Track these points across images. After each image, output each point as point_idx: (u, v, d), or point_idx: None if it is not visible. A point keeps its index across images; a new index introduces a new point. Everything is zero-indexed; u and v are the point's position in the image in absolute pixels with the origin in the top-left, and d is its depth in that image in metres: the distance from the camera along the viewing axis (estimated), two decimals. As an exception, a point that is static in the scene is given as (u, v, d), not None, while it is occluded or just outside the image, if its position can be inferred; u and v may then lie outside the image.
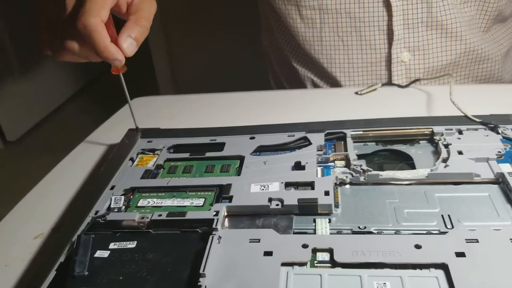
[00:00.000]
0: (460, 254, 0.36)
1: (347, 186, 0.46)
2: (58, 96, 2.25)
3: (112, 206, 0.46)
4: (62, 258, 0.40)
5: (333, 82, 0.78)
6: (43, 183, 0.57)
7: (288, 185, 0.46)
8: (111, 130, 0.67)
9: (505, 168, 0.45)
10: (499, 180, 0.44)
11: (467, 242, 0.37)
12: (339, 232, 0.41)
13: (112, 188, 0.48)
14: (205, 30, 1.56)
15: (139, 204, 0.46)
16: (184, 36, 1.67)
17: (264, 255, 0.38)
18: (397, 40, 0.71)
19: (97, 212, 0.45)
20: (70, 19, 0.49)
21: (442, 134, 0.51)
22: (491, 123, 0.51)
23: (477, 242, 0.37)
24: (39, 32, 0.53)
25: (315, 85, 0.81)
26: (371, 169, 0.46)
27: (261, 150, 0.53)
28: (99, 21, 0.47)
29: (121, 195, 0.47)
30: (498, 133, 0.50)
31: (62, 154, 0.63)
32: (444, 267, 0.35)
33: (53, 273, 0.38)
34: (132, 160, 0.54)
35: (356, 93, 0.67)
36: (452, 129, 0.51)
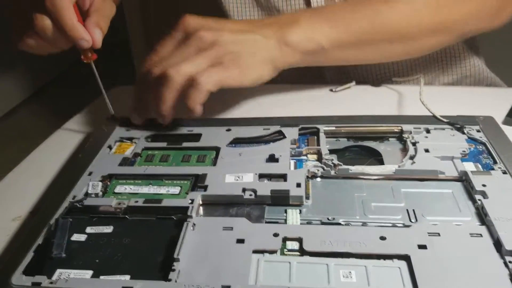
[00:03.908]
0: (422, 247, 0.38)
1: (318, 179, 0.48)
2: (32, 84, 2.21)
3: (89, 191, 0.46)
4: (40, 240, 0.41)
5: None
6: (21, 166, 0.57)
7: (261, 176, 0.47)
8: (89, 118, 0.67)
9: (468, 166, 0.47)
10: (462, 178, 0.46)
11: (429, 235, 0.39)
12: (309, 223, 0.42)
13: (90, 174, 0.49)
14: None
15: (116, 191, 0.47)
16: (164, 26, 1.66)
17: (236, 243, 0.39)
18: None
19: (74, 197, 0.46)
20: (40, 1, 0.50)
21: (411, 132, 0.53)
22: (457, 123, 0.53)
23: (439, 235, 0.39)
24: (14, 29, 0.53)
25: None
26: (341, 164, 0.48)
27: (236, 142, 0.54)
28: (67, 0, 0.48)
29: (99, 181, 0.48)
30: (463, 133, 0.52)
31: (37, 141, 0.64)
32: (406, 258, 0.37)
33: (31, 254, 0.39)
34: (110, 147, 0.54)
35: (331, 90, 0.69)
36: (420, 128, 0.53)
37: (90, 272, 0.38)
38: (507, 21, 0.66)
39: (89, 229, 0.42)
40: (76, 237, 0.41)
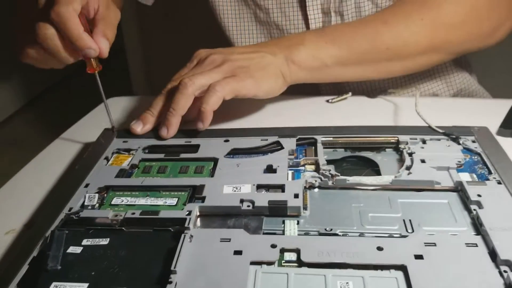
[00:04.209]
0: (419, 257, 0.38)
1: (316, 189, 0.48)
2: (26, 93, 2.21)
3: (86, 203, 0.46)
4: (35, 253, 0.40)
5: None
6: (16, 178, 0.57)
7: (259, 187, 0.47)
8: (86, 129, 0.67)
9: (464, 177, 0.48)
10: (458, 188, 0.46)
11: (425, 245, 0.39)
12: (306, 234, 0.42)
13: (87, 186, 0.49)
14: (181, 31, 1.56)
15: (112, 202, 0.47)
16: (160, 37, 1.66)
17: (234, 254, 0.39)
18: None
19: (71, 209, 0.46)
20: (44, 13, 0.50)
21: (407, 143, 0.53)
22: (453, 134, 0.53)
23: (435, 246, 0.39)
24: (16, 41, 0.54)
25: None
26: (339, 174, 0.48)
27: (234, 152, 0.54)
28: (71, 9, 0.49)
29: (95, 193, 0.48)
30: (459, 143, 0.52)
31: (31, 151, 0.63)
32: (403, 268, 0.37)
33: (25, 267, 0.39)
34: (107, 159, 0.54)
35: (327, 101, 0.69)
36: (416, 139, 0.53)
37: (86, 285, 0.38)
38: (501, 40, 0.68)
39: (85, 241, 0.42)
40: (72, 249, 0.41)
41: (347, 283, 0.36)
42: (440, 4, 0.63)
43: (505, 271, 0.36)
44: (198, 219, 0.45)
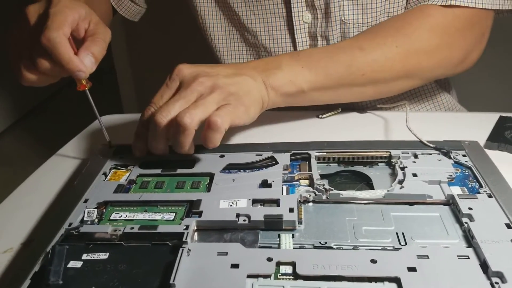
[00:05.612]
0: (412, 269, 0.39)
1: (310, 204, 0.49)
2: (17, 110, 2.20)
3: (85, 218, 0.47)
4: (36, 268, 0.41)
5: None
6: (14, 196, 0.57)
7: (255, 201, 0.48)
8: (82, 145, 0.67)
9: (455, 190, 0.49)
10: (449, 201, 0.47)
11: (418, 258, 0.40)
12: (301, 247, 0.43)
13: (86, 201, 0.50)
14: (170, 49, 1.57)
15: (111, 217, 0.47)
16: (149, 54, 1.67)
17: (231, 267, 0.40)
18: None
19: (70, 224, 0.46)
20: (36, 38, 0.51)
21: (399, 158, 0.54)
22: (444, 148, 0.55)
23: (428, 258, 0.40)
24: (13, 65, 0.55)
25: None
26: (333, 189, 0.49)
27: (230, 168, 0.55)
28: (62, 34, 0.50)
29: (94, 208, 0.48)
30: (450, 158, 0.54)
31: (23, 169, 0.64)
32: (397, 280, 0.38)
33: (28, 282, 0.39)
34: (105, 174, 0.55)
35: (318, 116, 0.71)
36: (408, 153, 0.55)
37: (87, 299, 0.38)
38: (469, 68, 0.71)
39: (85, 256, 0.43)
40: (73, 264, 0.42)
41: (342, 295, 0.37)
42: (414, 31, 0.65)
43: (497, 283, 0.37)
44: (196, 233, 0.46)
